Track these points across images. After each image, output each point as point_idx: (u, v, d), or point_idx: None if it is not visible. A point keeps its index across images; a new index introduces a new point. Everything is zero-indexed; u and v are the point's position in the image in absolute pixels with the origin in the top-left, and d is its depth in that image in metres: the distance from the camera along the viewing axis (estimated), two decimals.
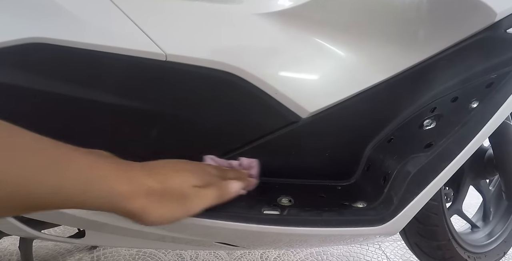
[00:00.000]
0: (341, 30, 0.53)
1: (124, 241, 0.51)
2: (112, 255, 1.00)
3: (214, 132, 0.53)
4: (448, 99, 0.56)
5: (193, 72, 0.48)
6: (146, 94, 0.48)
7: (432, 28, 0.54)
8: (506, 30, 0.54)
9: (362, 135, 0.58)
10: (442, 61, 0.55)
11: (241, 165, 0.50)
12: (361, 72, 0.55)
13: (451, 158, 0.49)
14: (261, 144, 0.53)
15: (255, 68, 0.49)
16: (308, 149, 0.56)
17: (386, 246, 1.16)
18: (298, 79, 0.53)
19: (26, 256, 0.83)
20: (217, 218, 0.44)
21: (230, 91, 0.50)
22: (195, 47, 0.48)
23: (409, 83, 0.56)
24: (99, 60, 0.44)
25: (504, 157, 0.73)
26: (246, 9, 0.51)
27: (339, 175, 0.59)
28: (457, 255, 0.80)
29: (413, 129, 0.56)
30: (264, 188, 0.54)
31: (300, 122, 0.53)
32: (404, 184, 0.48)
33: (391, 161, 0.52)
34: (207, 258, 1.02)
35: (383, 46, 0.54)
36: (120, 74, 0.46)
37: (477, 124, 0.50)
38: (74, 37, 0.43)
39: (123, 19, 0.45)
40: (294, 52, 0.53)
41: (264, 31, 0.51)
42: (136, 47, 0.45)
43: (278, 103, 0.51)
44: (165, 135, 0.51)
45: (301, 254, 1.08)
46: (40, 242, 1.03)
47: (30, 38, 0.41)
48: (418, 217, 0.74)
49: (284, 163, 0.56)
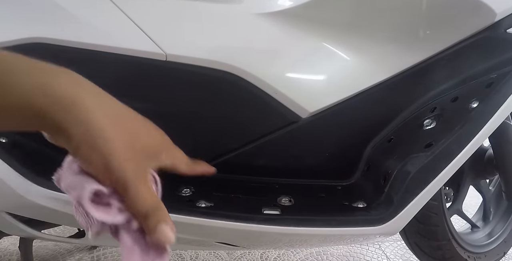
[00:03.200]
0: (341, 30, 0.53)
1: None
2: (112, 255, 1.00)
3: (214, 132, 0.53)
4: (448, 99, 0.56)
5: (193, 72, 0.48)
6: (146, 93, 0.48)
7: (432, 28, 0.54)
8: (506, 30, 0.54)
9: (362, 135, 0.58)
10: (442, 61, 0.55)
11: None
12: (361, 72, 0.55)
13: (451, 158, 0.49)
14: (261, 144, 0.53)
15: (255, 68, 0.49)
16: (308, 149, 0.56)
17: (386, 246, 1.16)
18: (298, 79, 0.53)
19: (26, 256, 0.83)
20: (217, 218, 0.44)
21: (230, 91, 0.50)
22: (195, 47, 0.48)
23: (409, 83, 0.56)
24: (99, 60, 0.44)
25: (504, 157, 0.73)
26: (246, 9, 0.51)
27: (339, 175, 0.59)
28: (457, 255, 0.80)
29: (413, 129, 0.56)
30: (264, 188, 0.54)
31: (300, 122, 0.53)
32: (404, 184, 0.48)
33: (391, 161, 0.52)
34: (207, 258, 1.02)
35: (383, 46, 0.54)
36: (120, 74, 0.46)
37: (477, 124, 0.50)
38: (74, 37, 0.43)
39: (123, 19, 0.45)
40: (294, 52, 0.53)
41: (264, 31, 0.51)
42: (136, 47, 0.45)
43: (278, 103, 0.51)
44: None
45: (301, 254, 1.08)
46: (40, 242, 1.03)
47: (30, 38, 0.42)
48: (418, 217, 0.74)
49: (284, 163, 0.56)
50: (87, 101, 0.27)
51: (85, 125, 0.27)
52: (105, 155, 0.27)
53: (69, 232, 1.01)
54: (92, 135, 0.27)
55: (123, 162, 0.28)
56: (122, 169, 0.27)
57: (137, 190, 0.28)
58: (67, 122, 0.26)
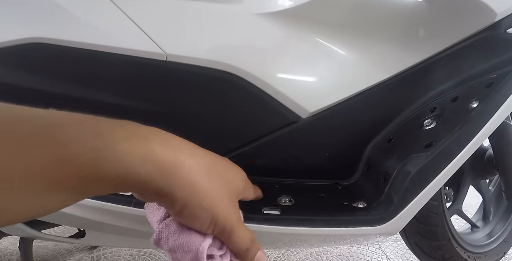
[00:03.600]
0: (341, 30, 0.53)
1: (124, 241, 0.50)
2: (112, 255, 1.00)
3: (214, 132, 0.53)
4: (448, 99, 0.56)
5: (193, 72, 0.48)
6: (146, 94, 0.48)
7: (432, 28, 0.54)
8: (506, 30, 0.54)
9: (362, 135, 0.58)
10: (442, 61, 0.55)
11: None
12: (361, 72, 0.55)
13: (451, 158, 0.49)
14: (261, 144, 0.53)
15: (255, 68, 0.49)
16: (308, 149, 0.56)
17: (386, 246, 1.16)
18: (298, 79, 0.53)
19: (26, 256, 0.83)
20: None
21: (230, 91, 0.50)
22: (195, 47, 0.48)
23: (409, 83, 0.56)
24: (99, 60, 0.44)
25: (504, 157, 0.73)
26: (246, 9, 0.51)
27: (339, 175, 0.59)
28: (457, 255, 0.80)
29: (413, 129, 0.56)
30: (264, 188, 0.54)
31: (300, 122, 0.53)
32: (404, 184, 0.48)
33: (391, 161, 0.52)
34: None
35: (383, 46, 0.54)
36: (120, 74, 0.46)
37: (477, 124, 0.50)
38: (74, 37, 0.43)
39: (123, 19, 0.45)
40: (294, 52, 0.53)
41: (264, 31, 0.51)
42: (136, 47, 0.45)
43: (278, 103, 0.51)
44: None
45: (301, 254, 1.08)
46: (40, 242, 1.03)
47: (30, 38, 0.42)
48: (418, 217, 0.74)
49: (284, 163, 0.56)
50: (186, 163, 0.27)
51: (189, 188, 0.27)
52: (212, 210, 0.28)
53: (69, 232, 1.01)
54: (198, 197, 0.27)
55: (226, 210, 0.29)
56: (228, 218, 0.29)
57: (239, 232, 0.29)
58: (171, 186, 0.26)
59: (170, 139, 0.28)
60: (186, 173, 0.27)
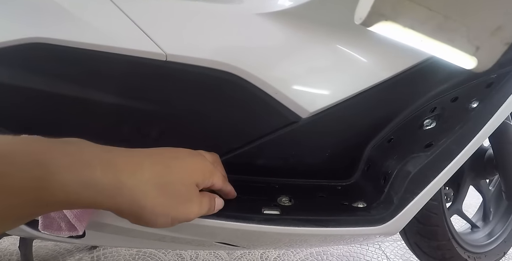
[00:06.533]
0: (341, 30, 0.53)
1: (124, 241, 0.50)
2: (112, 255, 1.00)
3: (214, 132, 0.53)
4: (448, 99, 0.56)
5: (194, 72, 0.48)
6: (146, 94, 0.48)
7: None
8: None
9: (362, 135, 0.58)
10: (442, 60, 0.55)
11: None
12: (361, 72, 0.55)
13: (451, 158, 0.49)
14: (261, 144, 0.53)
15: (255, 68, 0.49)
16: (308, 149, 0.56)
17: (386, 246, 1.16)
18: (298, 79, 0.53)
19: (26, 256, 0.83)
20: (217, 218, 0.44)
21: (230, 91, 0.50)
22: (195, 47, 0.48)
23: (409, 83, 0.56)
24: (99, 60, 0.44)
25: (504, 157, 0.73)
26: (246, 9, 0.51)
27: (339, 175, 0.59)
28: (457, 255, 0.80)
29: (413, 129, 0.56)
30: (264, 188, 0.54)
31: (300, 122, 0.53)
32: (404, 184, 0.48)
33: (391, 161, 0.52)
34: (207, 258, 1.02)
35: (383, 46, 0.54)
36: (120, 74, 0.46)
37: (477, 124, 0.50)
38: (74, 37, 0.43)
39: (123, 19, 0.45)
40: (294, 52, 0.53)
41: (264, 31, 0.51)
42: (136, 47, 0.45)
43: (278, 103, 0.51)
44: (165, 135, 0.51)
45: (301, 254, 1.08)
46: (40, 242, 1.03)
47: (30, 38, 0.41)
48: (418, 217, 0.74)
49: (284, 163, 0.56)
50: (128, 183, 0.29)
51: (137, 203, 0.30)
52: (168, 213, 0.32)
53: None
54: (148, 209, 0.31)
55: (183, 210, 0.34)
56: (187, 213, 0.35)
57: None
58: (117, 205, 0.29)
59: (112, 161, 0.29)
60: (128, 192, 0.29)
